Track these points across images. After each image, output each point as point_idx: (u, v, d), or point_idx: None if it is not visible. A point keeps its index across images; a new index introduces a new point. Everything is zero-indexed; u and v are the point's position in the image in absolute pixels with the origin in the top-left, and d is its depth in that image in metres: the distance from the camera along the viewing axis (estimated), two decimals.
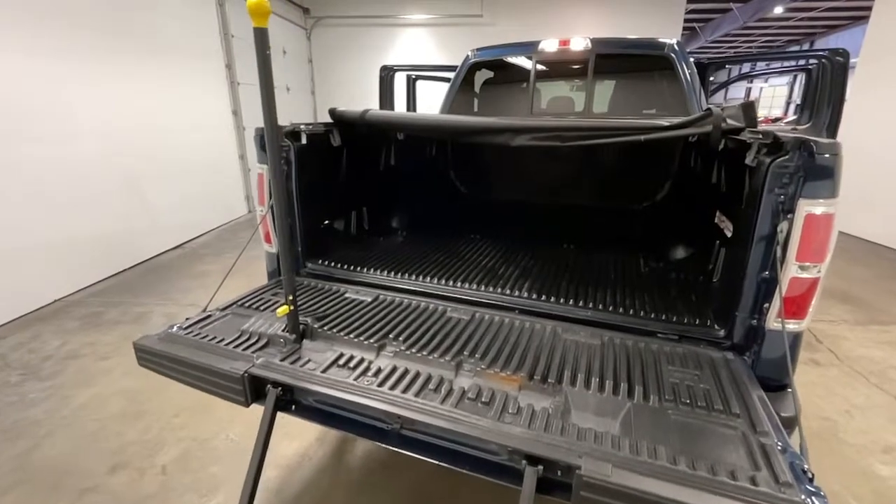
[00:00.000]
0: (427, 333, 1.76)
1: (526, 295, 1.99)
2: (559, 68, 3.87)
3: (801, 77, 3.76)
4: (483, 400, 1.35)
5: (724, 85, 5.28)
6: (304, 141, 2.12)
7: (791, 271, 1.45)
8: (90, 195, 4.69)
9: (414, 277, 2.18)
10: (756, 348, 1.56)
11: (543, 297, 1.95)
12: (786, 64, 4.84)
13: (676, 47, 3.42)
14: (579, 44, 3.53)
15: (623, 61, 3.60)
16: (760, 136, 1.50)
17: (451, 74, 4.92)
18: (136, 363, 1.70)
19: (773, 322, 1.49)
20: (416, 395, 1.37)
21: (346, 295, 2.05)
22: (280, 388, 1.46)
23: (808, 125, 3.91)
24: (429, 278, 2.19)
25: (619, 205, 3.66)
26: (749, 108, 1.81)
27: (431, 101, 6.90)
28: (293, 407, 1.52)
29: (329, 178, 2.54)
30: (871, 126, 6.72)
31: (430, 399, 1.34)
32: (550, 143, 2.11)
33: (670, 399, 1.37)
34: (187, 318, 1.85)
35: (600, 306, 1.87)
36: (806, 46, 23.81)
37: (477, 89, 4.13)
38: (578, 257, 2.56)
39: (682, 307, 1.89)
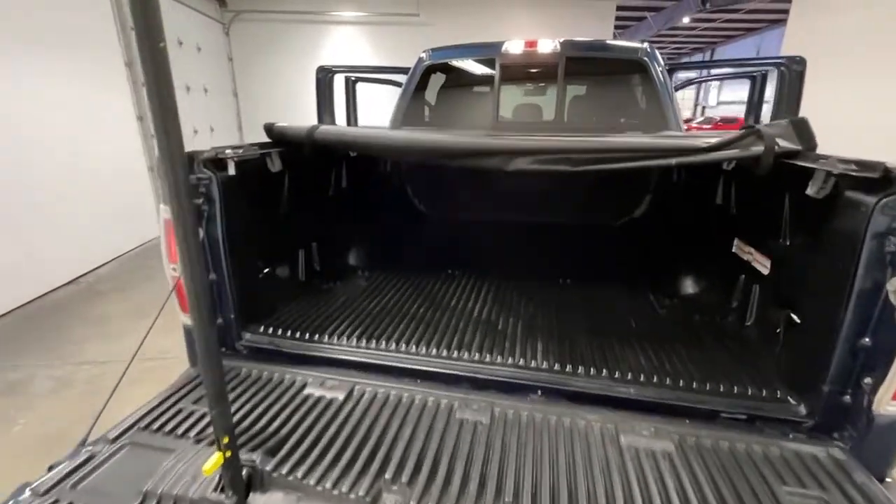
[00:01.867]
0: (441, 460, 1.20)
1: (546, 365, 1.55)
2: (525, 72, 3.50)
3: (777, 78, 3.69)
4: None
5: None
6: (231, 171, 1.53)
7: None
8: None
9: (395, 346, 1.67)
10: (853, 433, 1.23)
11: (569, 369, 1.52)
12: (733, 71, 4.86)
13: (649, 50, 3.18)
14: (547, 46, 3.17)
15: (594, 65, 3.30)
16: (853, 167, 1.17)
17: (398, 77, 4.42)
18: None
19: (885, 405, 1.17)
20: None
21: (307, 391, 1.46)
22: None
23: None
24: (415, 346, 1.67)
25: (594, 221, 3.36)
26: (802, 125, 1.49)
27: (373, 105, 6.34)
28: None
29: (267, 212, 1.95)
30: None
31: None
32: (556, 168, 1.70)
33: None
34: (50, 469, 1.17)
35: (641, 377, 1.48)
36: (708, 54, 25.91)
37: (432, 95, 3.65)
38: (579, 296, 2.18)
39: (732, 366, 1.55)
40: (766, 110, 4.18)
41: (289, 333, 1.73)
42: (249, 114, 9.20)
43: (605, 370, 1.50)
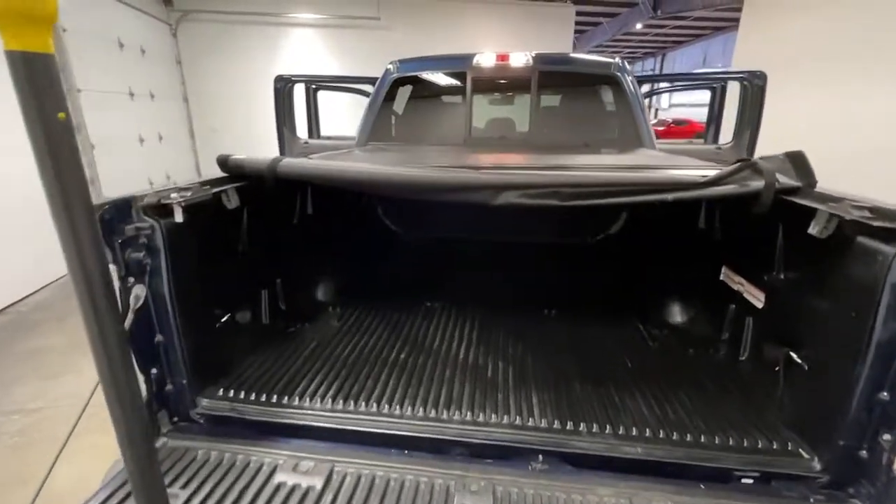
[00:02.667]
0: None
1: (545, 423, 1.41)
2: (497, 86, 3.39)
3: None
4: None
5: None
6: (178, 217, 1.30)
7: None
8: None
9: (377, 407, 1.48)
10: (871, 490, 1.17)
11: (570, 426, 1.40)
12: (696, 82, 4.97)
13: (622, 65, 3.14)
14: (519, 59, 3.08)
15: (567, 80, 3.23)
16: (868, 214, 1.11)
17: (363, 86, 4.22)
18: None
19: None
20: None
21: (278, 478, 1.24)
22: None
23: (730, 144, 3.93)
24: (399, 406, 1.49)
25: (570, 240, 3.30)
26: (800, 159, 1.44)
27: (336, 112, 6.08)
28: None
29: (224, 253, 1.73)
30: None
31: None
32: (545, 203, 1.58)
33: None
34: None
35: (647, 431, 1.37)
36: (660, 58, 26.97)
37: (401, 108, 3.48)
38: (567, 329, 2.06)
39: (736, 412, 1.48)
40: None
41: (253, 396, 1.51)
42: (202, 120, 8.67)
43: (608, 426, 1.39)
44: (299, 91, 4.34)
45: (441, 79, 3.35)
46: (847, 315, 1.20)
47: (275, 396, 1.51)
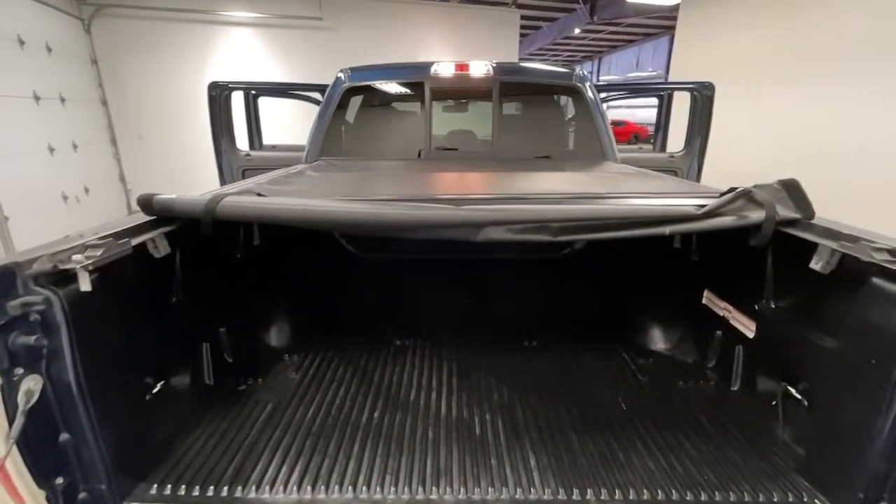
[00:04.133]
0: None
1: (548, 494, 1.24)
2: (456, 97, 3.22)
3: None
4: None
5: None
6: (84, 286, 1.01)
7: None
8: None
9: (352, 491, 1.24)
10: None
11: (576, 495, 1.24)
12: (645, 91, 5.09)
13: (583, 75, 3.07)
14: (480, 69, 2.93)
15: (529, 90, 3.12)
16: (888, 257, 1.03)
17: (311, 93, 3.90)
18: None
19: None
20: None
21: None
22: None
23: (683, 152, 4.01)
24: (380, 488, 1.25)
25: (535, 255, 3.19)
26: (795, 189, 1.37)
27: (279, 117, 5.66)
28: None
29: (152, 310, 1.42)
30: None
31: None
32: (533, 238, 1.43)
33: None
34: None
35: (659, 494, 1.24)
36: (596, 61, 28.08)
37: (353, 119, 3.22)
38: (552, 365, 1.92)
39: (741, 457, 1.39)
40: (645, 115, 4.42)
41: (197, 490, 1.23)
42: (126, 125, 7.84)
43: (616, 490, 1.25)
44: (238, 97, 3.96)
45: (397, 89, 3.13)
46: (863, 358, 1.13)
47: (225, 488, 1.24)
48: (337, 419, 1.56)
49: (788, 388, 1.44)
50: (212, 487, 1.24)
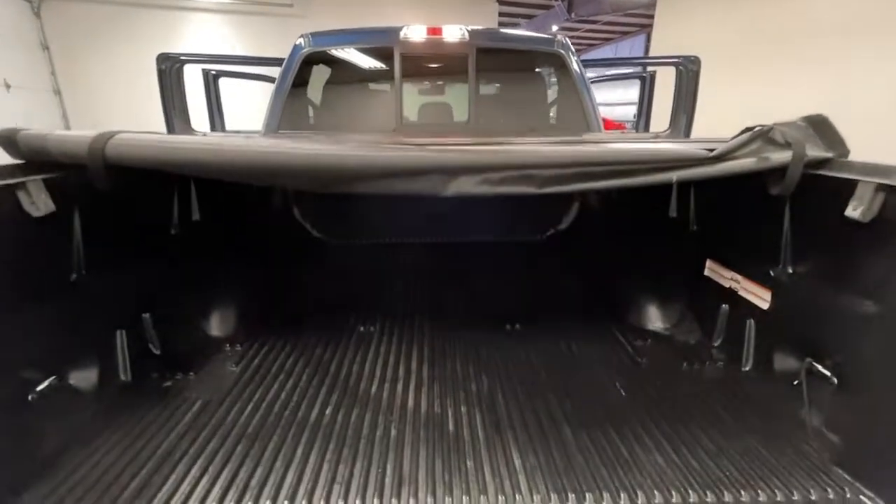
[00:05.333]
0: None
1: (538, 502, 0.99)
2: (428, 65, 2.95)
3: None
4: None
5: None
6: None
7: None
8: None
9: None
10: None
11: (571, 500, 0.99)
12: (623, 71, 4.92)
13: (565, 42, 2.84)
14: (454, 33, 2.67)
15: (507, 58, 2.87)
16: None
17: (270, 71, 3.59)
18: None
19: None
20: None
21: None
22: None
23: (667, 131, 3.83)
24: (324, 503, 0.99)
25: (515, 237, 2.95)
26: (824, 126, 1.15)
27: (248, 104, 5.29)
28: None
29: (37, 290, 1.13)
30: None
31: None
32: (515, 190, 1.18)
33: None
34: None
35: (673, 497, 1.00)
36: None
37: (315, 92, 2.93)
38: (537, 349, 1.66)
39: (766, 448, 1.16)
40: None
41: None
42: (82, 115, 7.33)
43: (622, 493, 1.00)
44: (195, 78, 3.63)
45: (363, 56, 2.85)
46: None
47: None
48: (279, 418, 1.27)
49: (814, 364, 1.23)
50: None
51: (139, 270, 1.49)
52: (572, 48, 2.90)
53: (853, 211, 1.04)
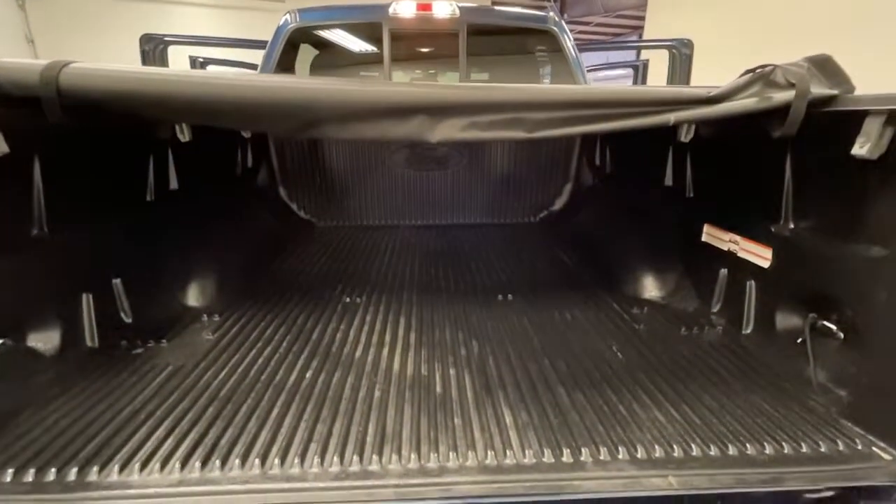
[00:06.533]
0: None
1: (530, 456, 0.91)
2: (418, 41, 2.90)
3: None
4: None
5: None
6: None
7: None
8: None
9: (259, 467, 0.87)
10: None
11: (567, 455, 0.91)
12: (616, 61, 4.93)
13: (558, 20, 2.80)
14: (444, 9, 2.62)
15: (499, 36, 2.83)
16: None
17: (258, 58, 3.53)
18: None
19: None
20: None
21: None
22: None
23: None
24: (298, 460, 0.87)
25: (510, 220, 2.90)
26: (826, 62, 1.10)
27: None
28: None
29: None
30: None
31: None
32: (503, 135, 1.12)
33: None
34: None
35: (673, 449, 0.93)
36: None
37: (302, 66, 2.87)
38: (532, 317, 1.58)
39: (772, 405, 1.09)
40: None
41: (30, 475, 0.84)
42: None
43: (621, 448, 0.93)
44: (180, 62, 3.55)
45: (352, 31, 2.79)
46: None
47: (73, 471, 0.86)
48: (255, 382, 1.19)
49: (818, 319, 1.17)
50: (52, 471, 0.86)
51: (110, 233, 1.41)
52: (566, 27, 2.86)
53: (860, 148, 0.99)
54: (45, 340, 1.18)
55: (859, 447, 0.95)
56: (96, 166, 1.39)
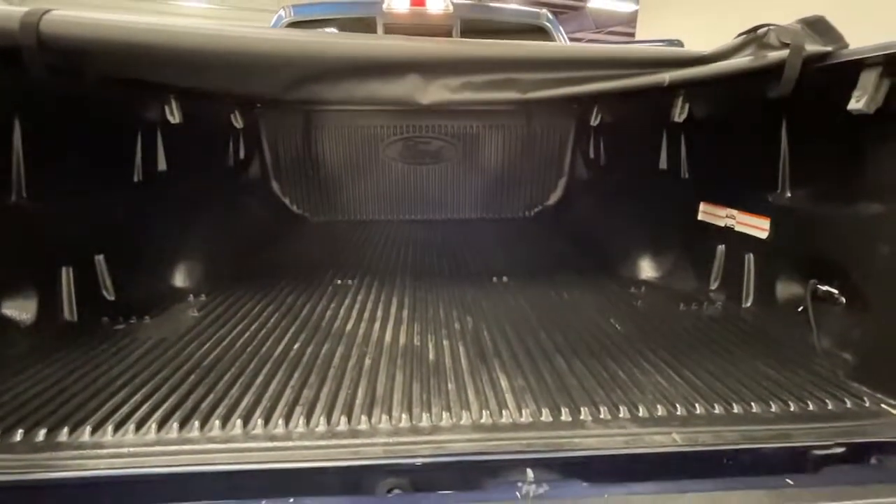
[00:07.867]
0: None
1: (527, 415, 0.87)
2: (411, 37, 2.91)
3: None
4: None
5: None
6: None
7: None
8: None
9: (241, 427, 0.81)
10: None
11: (566, 415, 0.87)
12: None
13: (551, 16, 2.83)
14: (438, 5, 2.64)
15: (492, 29, 2.86)
16: None
17: None
18: None
19: None
20: None
21: None
22: None
23: None
24: (283, 420, 0.82)
25: (504, 214, 2.88)
26: (819, 22, 1.09)
27: None
28: None
29: None
30: None
31: None
32: (497, 96, 1.10)
33: None
34: None
35: (676, 408, 0.89)
36: None
37: None
38: (527, 297, 1.54)
39: (777, 371, 1.06)
40: None
41: (20, 434, 0.79)
42: None
43: (622, 407, 0.89)
44: None
45: (346, 27, 2.80)
46: None
47: (42, 432, 0.81)
48: (241, 352, 1.15)
49: (818, 286, 1.15)
50: (20, 432, 0.81)
51: (94, 209, 1.37)
52: (560, 25, 2.89)
53: (856, 103, 0.97)
54: (20, 309, 1.13)
55: (867, 405, 0.92)
56: (83, 140, 1.36)
